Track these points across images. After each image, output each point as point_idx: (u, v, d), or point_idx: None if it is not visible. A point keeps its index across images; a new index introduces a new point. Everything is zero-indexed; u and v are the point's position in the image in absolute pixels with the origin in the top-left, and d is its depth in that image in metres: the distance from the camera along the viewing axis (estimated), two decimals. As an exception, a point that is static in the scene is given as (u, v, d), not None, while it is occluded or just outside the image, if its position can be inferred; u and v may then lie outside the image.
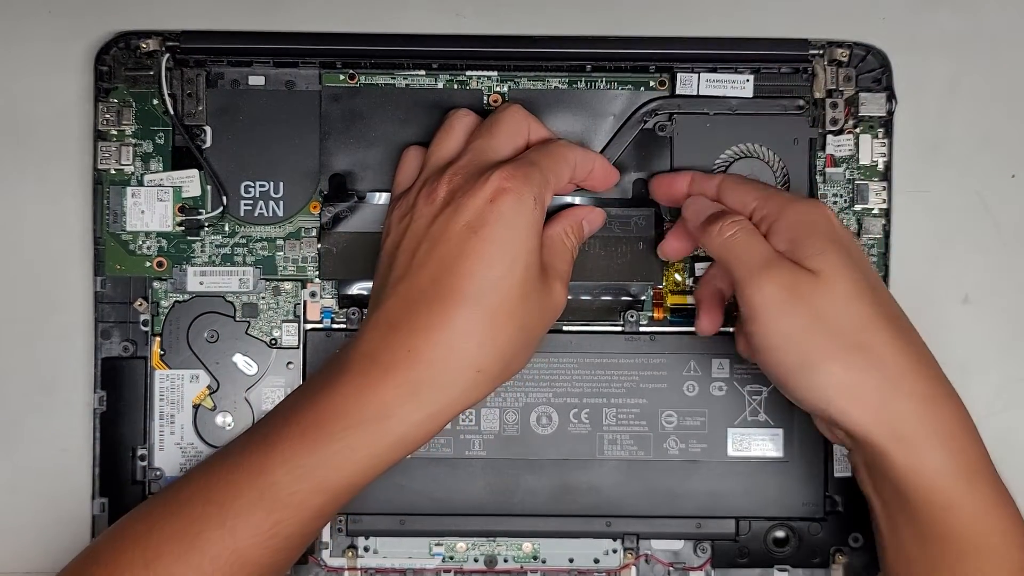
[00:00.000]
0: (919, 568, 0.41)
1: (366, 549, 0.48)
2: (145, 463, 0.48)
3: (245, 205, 0.48)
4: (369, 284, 0.47)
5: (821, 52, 0.48)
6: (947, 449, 0.40)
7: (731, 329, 0.47)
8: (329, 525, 0.48)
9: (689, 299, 0.48)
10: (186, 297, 0.48)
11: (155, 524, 0.39)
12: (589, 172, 0.45)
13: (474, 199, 0.40)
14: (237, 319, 0.48)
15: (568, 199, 0.47)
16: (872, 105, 0.48)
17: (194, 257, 0.48)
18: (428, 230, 0.41)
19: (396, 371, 0.39)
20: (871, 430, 0.39)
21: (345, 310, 0.48)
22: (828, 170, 0.48)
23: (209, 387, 0.48)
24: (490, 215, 0.40)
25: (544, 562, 0.48)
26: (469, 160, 0.42)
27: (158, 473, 0.47)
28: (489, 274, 0.40)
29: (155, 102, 0.48)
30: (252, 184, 0.48)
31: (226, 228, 0.48)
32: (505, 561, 0.48)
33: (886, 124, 0.48)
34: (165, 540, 0.39)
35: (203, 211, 0.48)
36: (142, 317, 0.48)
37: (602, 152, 0.48)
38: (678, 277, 0.48)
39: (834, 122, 0.48)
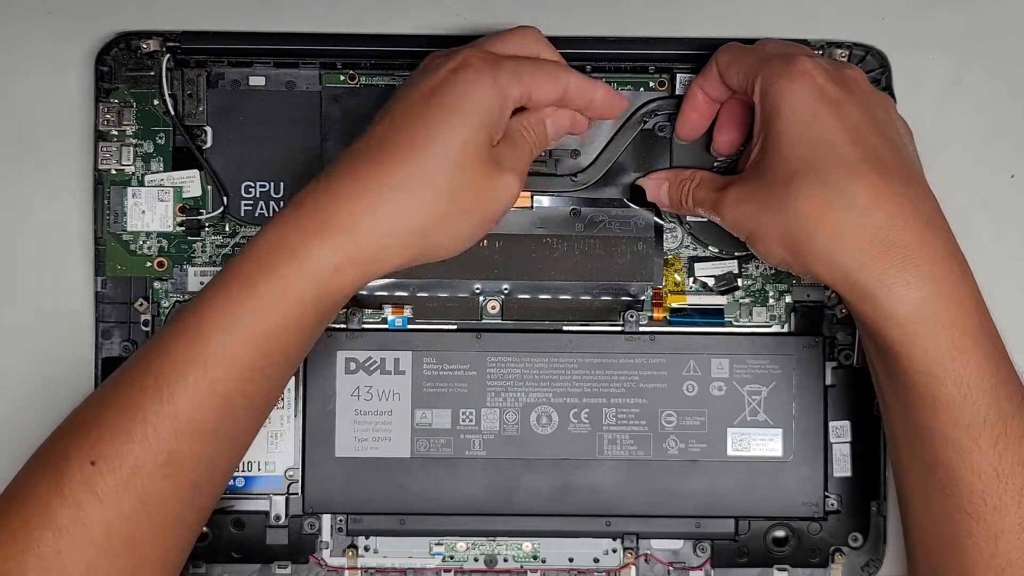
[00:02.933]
0: (894, 415, 0.42)
1: (366, 549, 0.48)
2: (146, 463, 0.48)
3: (246, 205, 0.48)
4: (369, 284, 0.47)
5: (821, 52, 0.48)
6: (907, 294, 0.39)
7: (725, 323, 0.47)
8: (329, 525, 0.48)
9: (688, 299, 0.48)
10: (187, 297, 0.48)
11: (101, 408, 0.39)
12: (589, 100, 0.44)
13: (440, 68, 0.41)
14: (237, 319, 0.48)
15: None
16: (872, 105, 0.48)
17: (195, 257, 0.48)
18: (405, 94, 0.42)
19: (315, 216, 0.39)
20: (840, 275, 0.39)
21: (345, 310, 0.48)
22: (828, 170, 0.48)
23: (209, 387, 0.48)
24: (445, 83, 0.41)
25: (544, 562, 0.48)
26: (472, 48, 0.42)
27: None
28: (428, 138, 0.40)
29: (156, 102, 0.48)
30: (253, 184, 0.48)
31: (227, 228, 0.48)
32: (505, 561, 0.48)
33: (886, 124, 0.48)
34: (108, 423, 0.39)
35: (204, 211, 0.48)
36: (143, 317, 0.48)
37: (602, 152, 0.48)
38: (678, 277, 0.48)
39: (834, 122, 0.48)
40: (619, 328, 0.48)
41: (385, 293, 0.48)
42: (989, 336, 0.40)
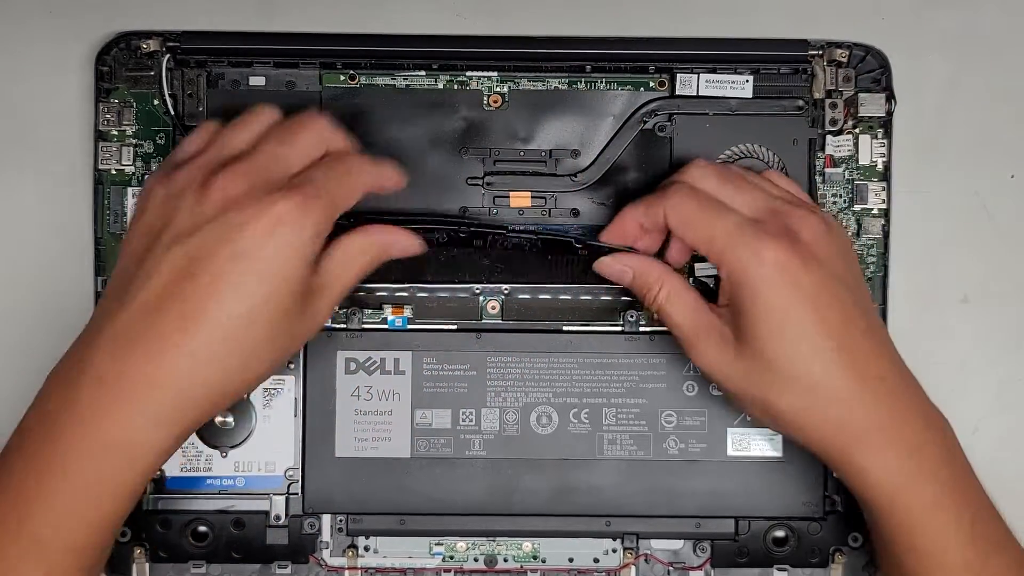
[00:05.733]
0: (884, 562, 0.45)
1: (366, 549, 0.48)
2: (146, 463, 0.48)
3: (245, 205, 0.48)
4: (368, 285, 0.47)
5: (820, 52, 0.48)
6: (887, 467, 0.41)
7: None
8: (329, 525, 0.48)
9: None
10: (187, 297, 0.48)
11: None
12: (380, 187, 0.44)
13: (248, 226, 0.38)
14: (237, 319, 0.48)
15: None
16: (871, 105, 0.48)
17: (194, 257, 0.48)
18: (190, 238, 0.38)
19: (133, 399, 0.38)
20: (814, 437, 0.42)
21: (344, 310, 0.48)
22: (827, 170, 0.48)
23: (209, 387, 0.48)
24: (261, 249, 0.38)
25: (544, 562, 0.48)
26: (256, 165, 0.40)
27: (158, 473, 0.47)
28: (242, 305, 0.38)
29: (156, 102, 0.48)
30: (252, 184, 0.48)
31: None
32: (505, 561, 0.48)
33: (885, 124, 0.48)
34: None
35: (203, 211, 0.48)
36: (143, 317, 0.48)
37: (602, 152, 0.48)
38: (678, 277, 0.48)
39: (833, 122, 0.48)
40: (619, 328, 0.48)
41: (385, 293, 0.48)
42: (967, 484, 0.43)
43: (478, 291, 0.48)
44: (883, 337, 0.43)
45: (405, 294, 0.48)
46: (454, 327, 0.48)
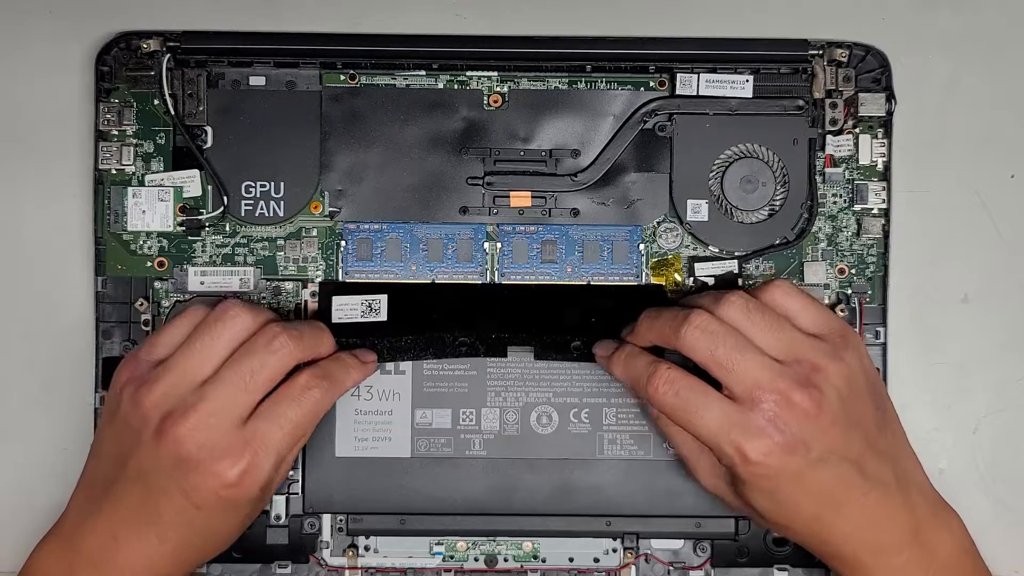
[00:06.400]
0: None
1: (366, 548, 0.48)
2: (146, 463, 0.48)
3: (246, 205, 0.48)
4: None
5: (821, 52, 0.48)
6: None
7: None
8: (329, 525, 0.48)
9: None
10: (187, 297, 0.48)
11: None
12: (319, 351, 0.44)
13: (202, 491, 0.41)
14: (238, 319, 0.48)
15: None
16: (871, 105, 0.48)
17: (195, 257, 0.48)
18: (149, 476, 0.41)
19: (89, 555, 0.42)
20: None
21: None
22: (827, 170, 0.48)
23: (210, 387, 0.48)
24: (213, 508, 0.41)
25: (544, 561, 0.48)
26: (209, 416, 0.41)
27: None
28: (201, 536, 0.42)
29: (156, 102, 0.48)
30: (253, 184, 0.48)
31: (227, 228, 0.48)
32: (505, 560, 0.48)
33: (885, 124, 0.48)
34: None
35: (204, 211, 0.48)
36: (143, 317, 0.48)
37: (602, 152, 0.48)
38: (678, 277, 0.48)
39: (833, 122, 0.48)
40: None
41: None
42: (975, 559, 0.43)
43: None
44: (884, 462, 0.42)
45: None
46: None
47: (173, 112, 0.47)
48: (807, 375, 0.41)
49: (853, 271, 0.48)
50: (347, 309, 0.47)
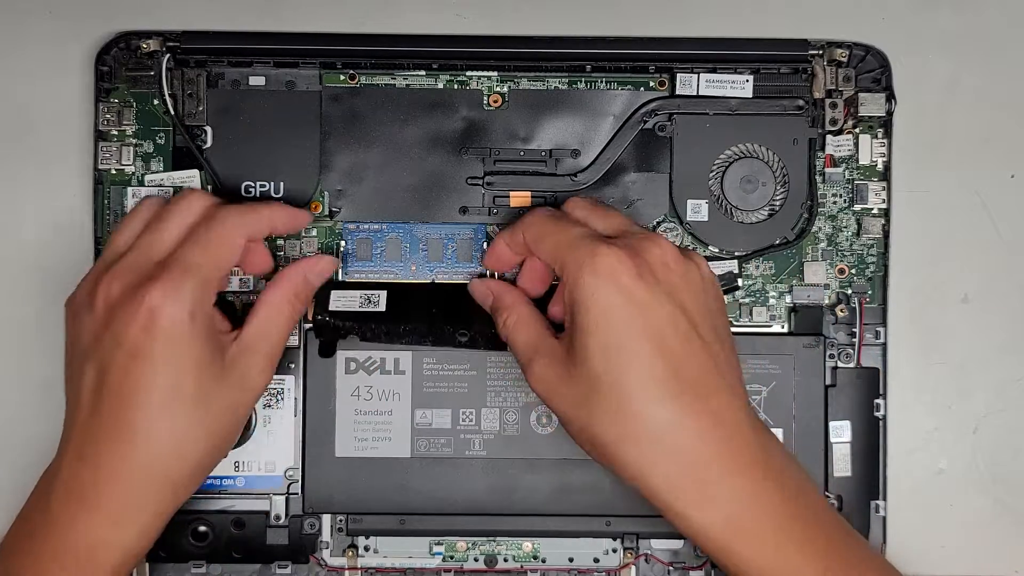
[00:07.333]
0: None
1: (366, 548, 0.48)
2: (146, 463, 0.48)
3: (245, 205, 0.48)
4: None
5: (821, 52, 0.48)
6: (716, 514, 0.40)
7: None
8: (329, 525, 0.48)
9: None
10: (187, 297, 0.48)
11: None
12: (270, 228, 0.45)
13: (129, 327, 0.40)
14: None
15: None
16: (871, 105, 0.48)
17: (195, 257, 0.48)
18: (94, 353, 0.41)
19: (92, 505, 0.40)
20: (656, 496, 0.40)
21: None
22: (827, 170, 0.48)
23: (209, 387, 0.48)
24: (146, 343, 0.40)
25: (544, 561, 0.48)
26: (127, 262, 0.42)
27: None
28: (157, 399, 0.40)
29: (156, 102, 0.48)
30: (252, 184, 0.48)
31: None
32: (505, 560, 0.48)
33: (885, 124, 0.48)
34: None
35: (204, 211, 0.48)
36: (143, 317, 0.48)
37: (602, 152, 0.48)
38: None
39: (833, 122, 0.48)
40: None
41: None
42: (812, 525, 0.40)
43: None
44: (715, 363, 0.41)
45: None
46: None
47: (173, 112, 0.47)
48: (657, 239, 0.41)
49: (853, 271, 0.48)
50: (345, 300, 0.47)
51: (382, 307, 0.46)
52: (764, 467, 0.40)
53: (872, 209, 0.48)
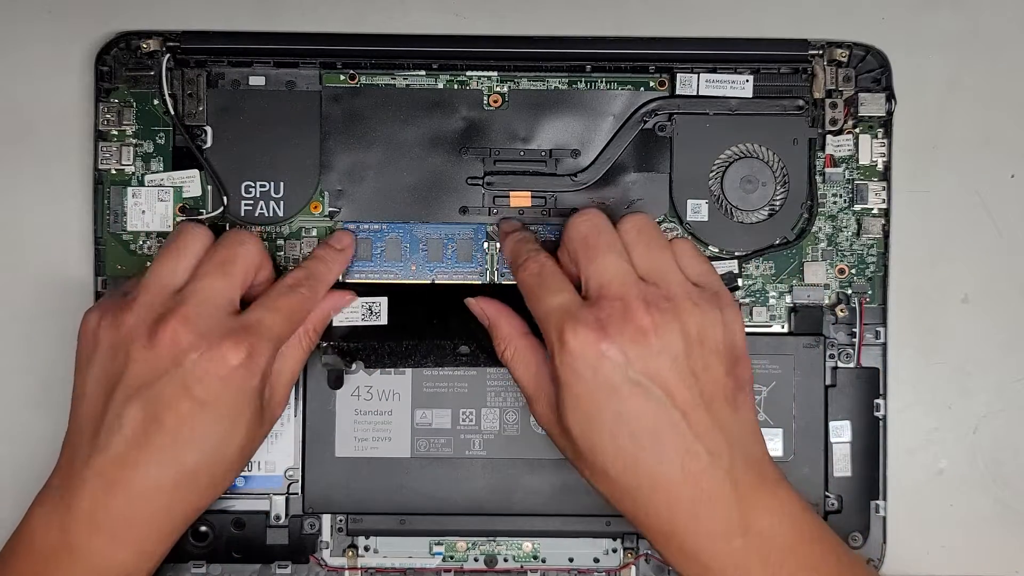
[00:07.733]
0: None
1: (366, 548, 0.48)
2: (145, 463, 0.48)
3: (246, 205, 0.48)
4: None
5: (820, 52, 0.48)
6: (719, 552, 0.40)
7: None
8: (329, 525, 0.48)
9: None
10: (187, 297, 0.48)
11: None
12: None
13: (206, 377, 0.41)
14: (237, 319, 0.48)
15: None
16: (871, 105, 0.48)
17: (195, 257, 0.48)
18: (148, 390, 0.41)
19: (121, 537, 0.41)
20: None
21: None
22: (827, 170, 0.48)
23: (209, 387, 0.48)
24: (221, 395, 0.41)
25: (544, 561, 0.48)
26: (199, 309, 0.42)
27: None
28: (210, 446, 0.42)
29: (156, 102, 0.48)
30: (252, 184, 0.48)
31: (227, 228, 0.48)
32: (505, 560, 0.48)
33: (885, 124, 0.48)
34: None
35: (204, 211, 0.48)
36: (143, 317, 0.48)
37: (602, 152, 0.48)
38: (678, 277, 0.48)
39: (833, 122, 0.48)
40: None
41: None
42: (813, 544, 0.41)
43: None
44: (708, 403, 0.41)
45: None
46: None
47: (173, 112, 0.47)
48: (658, 299, 0.41)
49: (853, 271, 0.48)
50: (347, 312, 0.47)
51: (384, 319, 0.47)
52: (743, 533, 0.40)
53: (872, 209, 0.48)
